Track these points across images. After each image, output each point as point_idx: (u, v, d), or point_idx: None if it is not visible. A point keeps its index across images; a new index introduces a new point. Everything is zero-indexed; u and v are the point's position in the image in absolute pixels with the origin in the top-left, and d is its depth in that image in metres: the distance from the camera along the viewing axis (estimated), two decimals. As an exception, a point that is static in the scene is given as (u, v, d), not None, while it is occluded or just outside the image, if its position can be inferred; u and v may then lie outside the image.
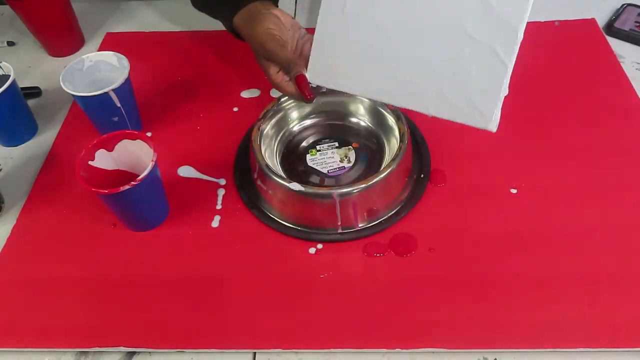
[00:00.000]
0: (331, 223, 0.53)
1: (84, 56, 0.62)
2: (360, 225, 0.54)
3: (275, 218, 0.55)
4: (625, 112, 0.63)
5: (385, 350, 0.46)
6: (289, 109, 0.62)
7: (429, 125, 0.62)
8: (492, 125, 0.46)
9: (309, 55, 0.52)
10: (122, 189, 0.48)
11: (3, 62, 0.62)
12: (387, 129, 0.60)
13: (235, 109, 0.66)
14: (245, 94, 0.69)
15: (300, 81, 0.52)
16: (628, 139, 0.60)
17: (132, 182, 0.48)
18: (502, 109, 0.61)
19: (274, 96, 0.67)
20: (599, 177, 0.57)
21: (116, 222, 0.56)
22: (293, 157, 0.60)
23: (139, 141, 0.53)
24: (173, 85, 0.72)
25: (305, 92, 0.52)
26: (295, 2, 0.85)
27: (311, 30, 0.51)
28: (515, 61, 0.69)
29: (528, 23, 0.77)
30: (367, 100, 0.62)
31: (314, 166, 0.59)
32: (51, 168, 0.63)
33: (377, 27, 0.50)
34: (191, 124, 0.66)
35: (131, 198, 0.51)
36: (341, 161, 0.59)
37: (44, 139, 0.67)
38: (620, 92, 0.65)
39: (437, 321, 0.47)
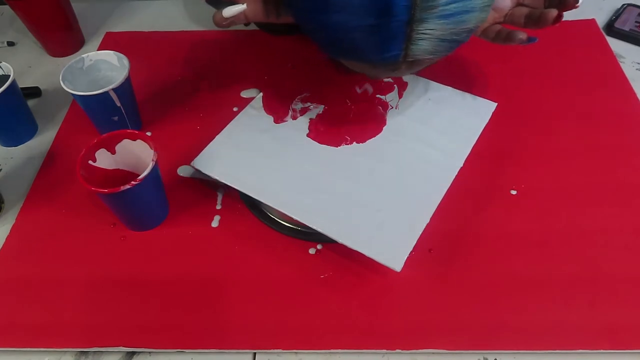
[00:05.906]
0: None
1: (83, 55, 0.62)
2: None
3: (275, 218, 0.55)
4: (625, 113, 0.63)
5: (385, 350, 0.46)
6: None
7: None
8: (399, 267, 0.47)
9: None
10: (122, 188, 0.48)
11: (3, 62, 0.62)
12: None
13: (235, 109, 0.66)
14: (245, 94, 0.68)
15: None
16: (628, 140, 0.60)
17: (133, 182, 0.48)
18: (501, 110, 0.61)
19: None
20: (599, 178, 0.57)
21: (116, 222, 0.56)
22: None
23: (139, 141, 0.53)
24: (173, 85, 0.72)
25: None
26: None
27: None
28: (515, 61, 0.69)
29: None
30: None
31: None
32: (51, 168, 0.63)
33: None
34: (191, 124, 0.66)
35: (131, 198, 0.50)
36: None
37: (43, 139, 0.66)
38: (620, 92, 0.65)
39: (438, 322, 0.47)
